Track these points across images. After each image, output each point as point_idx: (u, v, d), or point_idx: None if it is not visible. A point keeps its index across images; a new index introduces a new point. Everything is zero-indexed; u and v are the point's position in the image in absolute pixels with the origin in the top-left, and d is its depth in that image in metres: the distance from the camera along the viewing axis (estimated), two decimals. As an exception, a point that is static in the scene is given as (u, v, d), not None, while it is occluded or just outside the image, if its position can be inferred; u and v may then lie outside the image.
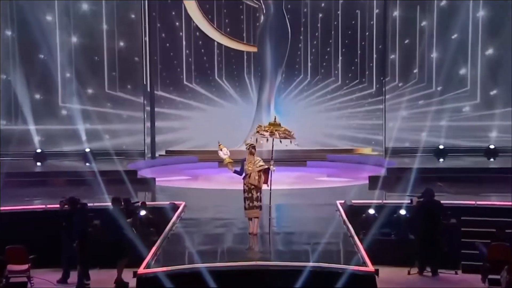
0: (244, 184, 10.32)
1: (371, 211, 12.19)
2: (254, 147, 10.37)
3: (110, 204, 10.77)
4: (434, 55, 24.05)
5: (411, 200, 11.88)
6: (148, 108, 24.95)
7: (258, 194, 10.25)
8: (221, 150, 10.46)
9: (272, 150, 10.46)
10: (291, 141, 10.47)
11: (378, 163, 21.20)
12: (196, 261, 8.64)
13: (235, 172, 10.38)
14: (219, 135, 11.46)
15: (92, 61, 23.42)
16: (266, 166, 10.28)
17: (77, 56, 23.15)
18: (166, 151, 26.26)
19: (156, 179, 17.70)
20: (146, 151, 24.23)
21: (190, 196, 15.11)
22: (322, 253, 9.17)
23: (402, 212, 12.09)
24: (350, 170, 21.77)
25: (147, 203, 12.41)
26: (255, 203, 10.23)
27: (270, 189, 10.32)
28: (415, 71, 24.55)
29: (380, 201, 12.93)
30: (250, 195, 10.23)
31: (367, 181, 17.07)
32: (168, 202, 12.97)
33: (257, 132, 10.43)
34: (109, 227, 10.56)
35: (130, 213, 11.00)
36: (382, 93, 24.39)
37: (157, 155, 24.88)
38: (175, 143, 27.02)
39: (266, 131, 10.26)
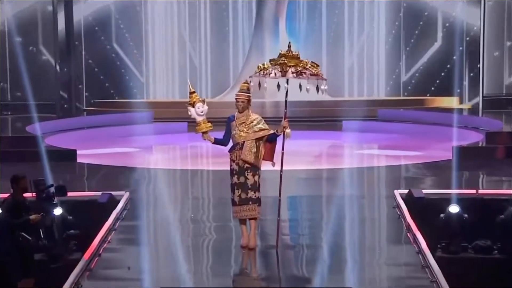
0: (232, 161, 10.22)
1: (457, 209, 12.15)
2: (247, 97, 10.24)
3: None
4: None
5: (531, 190, 11.91)
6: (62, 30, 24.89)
7: (256, 178, 10.18)
8: (192, 105, 10.20)
9: (286, 101, 10.35)
10: (318, 87, 10.37)
11: (469, 124, 21.20)
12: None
13: (216, 142, 10.30)
14: (188, 78, 11.30)
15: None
16: (272, 131, 10.19)
17: None
18: (94, 103, 26.22)
19: (78, 151, 17.81)
20: (60, 103, 24.24)
21: (139, 181, 15.17)
22: (369, 281, 9.21)
23: (515, 211, 12.10)
24: (418, 136, 21.81)
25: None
26: (251, 193, 10.16)
27: (281, 170, 10.30)
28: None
29: (473, 192, 12.99)
30: (241, 180, 10.17)
31: (449, 156, 17.16)
32: (99, 193, 13.05)
33: (260, 70, 10.25)
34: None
35: (44, 204, 11.14)
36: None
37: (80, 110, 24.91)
38: (112, 90, 27.03)
39: (277, 64, 10.11)
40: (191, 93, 10.29)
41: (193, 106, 10.21)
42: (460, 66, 25.48)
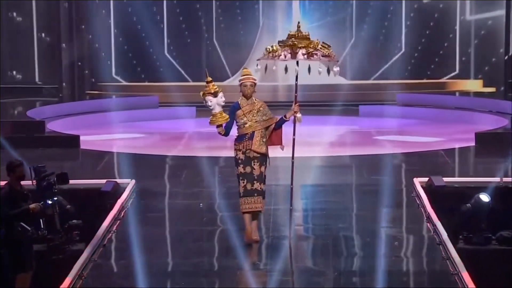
0: (238, 151, 10.26)
1: (483, 198, 12.10)
2: (254, 79, 10.28)
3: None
4: None
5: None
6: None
7: (262, 169, 10.24)
8: (214, 95, 10.14)
9: (296, 84, 10.35)
10: (330, 69, 10.34)
11: (494, 109, 21.15)
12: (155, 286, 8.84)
13: (223, 135, 10.33)
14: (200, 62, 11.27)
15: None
16: (278, 117, 10.27)
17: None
18: (98, 86, 26.26)
19: (82, 137, 17.90)
20: (62, 86, 24.27)
21: (145, 169, 15.23)
22: (387, 274, 9.20)
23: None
24: (440, 122, 21.75)
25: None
26: (256, 185, 10.21)
27: (293, 157, 10.33)
28: None
29: (497, 180, 12.98)
30: (247, 170, 10.21)
31: (472, 143, 17.21)
32: (104, 181, 13.10)
33: (268, 53, 10.24)
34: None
35: (44, 192, 11.07)
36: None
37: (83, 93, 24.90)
38: (114, 71, 27.03)
39: (287, 46, 10.08)
40: (208, 82, 10.28)
41: (215, 96, 10.20)
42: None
